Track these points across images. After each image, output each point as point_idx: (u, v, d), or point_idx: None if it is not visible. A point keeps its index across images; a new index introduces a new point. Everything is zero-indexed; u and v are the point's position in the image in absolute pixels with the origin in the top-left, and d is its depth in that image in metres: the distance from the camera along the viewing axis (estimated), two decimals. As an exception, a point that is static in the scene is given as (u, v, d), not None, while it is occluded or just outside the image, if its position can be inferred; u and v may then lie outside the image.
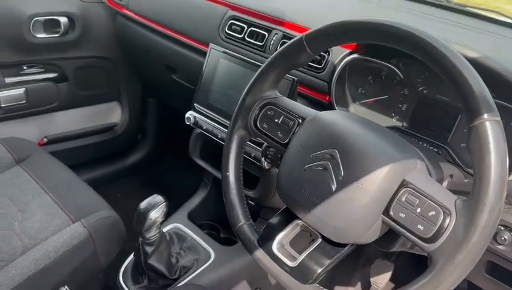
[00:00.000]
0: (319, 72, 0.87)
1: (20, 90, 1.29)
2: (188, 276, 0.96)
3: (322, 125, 0.59)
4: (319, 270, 0.57)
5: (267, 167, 0.88)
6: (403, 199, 0.52)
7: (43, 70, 1.35)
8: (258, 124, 0.66)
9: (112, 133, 1.61)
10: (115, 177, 1.62)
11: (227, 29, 1.04)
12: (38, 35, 1.29)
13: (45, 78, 1.36)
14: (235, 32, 1.02)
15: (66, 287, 0.86)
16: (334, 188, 0.55)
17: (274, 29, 0.95)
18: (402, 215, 0.52)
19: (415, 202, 0.51)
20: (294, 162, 0.60)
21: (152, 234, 0.89)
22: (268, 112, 0.66)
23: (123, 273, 0.98)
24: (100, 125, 1.57)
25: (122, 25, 1.40)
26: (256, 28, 0.99)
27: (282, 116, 0.64)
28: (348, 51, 0.83)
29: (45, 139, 1.41)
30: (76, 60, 1.42)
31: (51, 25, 1.31)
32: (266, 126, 0.66)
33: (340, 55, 0.84)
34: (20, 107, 1.31)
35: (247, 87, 0.66)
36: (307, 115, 0.62)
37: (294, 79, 0.84)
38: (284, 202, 0.62)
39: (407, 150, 0.56)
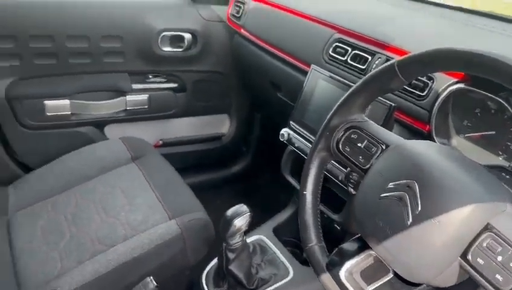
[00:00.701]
0: (421, 100, 0.83)
1: (144, 96, 1.46)
2: (265, 289, 0.98)
3: (404, 154, 0.56)
4: None
5: (353, 193, 0.86)
6: (484, 244, 0.47)
7: (165, 80, 1.51)
8: (340, 146, 0.66)
9: (219, 143, 1.72)
10: (217, 184, 1.72)
11: (331, 52, 1.04)
12: (165, 49, 1.45)
13: (166, 88, 1.51)
14: (339, 55, 1.02)
15: (151, 277, 0.94)
16: (409, 222, 0.52)
17: (378, 53, 0.93)
18: (480, 261, 0.47)
19: (497, 249, 0.46)
20: (370, 189, 0.58)
21: (235, 241, 0.93)
22: (352, 136, 0.65)
23: (206, 275, 1.03)
24: (209, 134, 1.69)
25: (238, 43, 1.49)
26: (360, 52, 0.98)
27: (366, 141, 0.63)
28: (453, 80, 0.77)
29: (160, 142, 1.57)
30: (195, 73, 1.56)
31: (177, 40, 1.46)
32: (348, 150, 0.65)
33: (444, 83, 0.78)
34: (142, 111, 1.48)
35: (334, 108, 0.66)
36: (392, 142, 0.60)
37: (391, 105, 0.81)
38: (356, 229, 0.60)
39: (498, 192, 0.50)
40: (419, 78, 0.81)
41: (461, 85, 0.75)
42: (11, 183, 1.26)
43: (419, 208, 0.51)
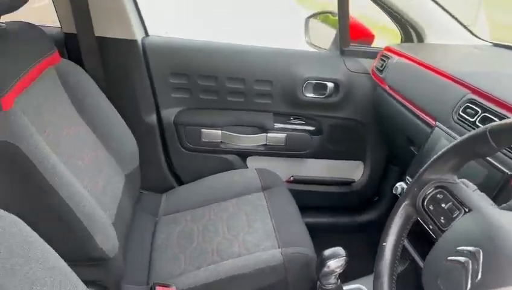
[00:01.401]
0: None
1: (283, 135, 1.62)
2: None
3: (479, 221, 0.55)
4: None
5: None
6: None
7: (304, 122, 1.64)
8: (425, 203, 0.66)
9: (348, 189, 1.75)
10: (339, 229, 1.74)
11: (461, 111, 1.01)
12: (308, 95, 1.59)
13: (304, 129, 1.64)
14: (468, 116, 0.99)
15: None
16: (468, 288, 0.50)
17: (508, 117, 0.88)
18: None
19: None
20: (440, 250, 0.57)
21: (329, 282, 0.96)
22: (438, 195, 0.64)
23: None
24: (340, 179, 1.74)
25: (380, 95, 1.53)
26: (491, 115, 0.93)
27: (450, 203, 0.62)
28: None
29: (292, 178, 1.69)
30: (333, 119, 1.64)
31: (319, 87, 1.59)
32: (432, 208, 0.65)
33: None
34: (279, 148, 1.63)
35: (427, 164, 0.67)
36: (475, 208, 0.58)
37: (505, 173, 0.76)
38: (423, 286, 0.60)
39: None
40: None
41: None
42: (165, 192, 1.54)
43: (479, 277, 0.50)
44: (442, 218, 0.62)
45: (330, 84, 1.58)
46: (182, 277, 1.11)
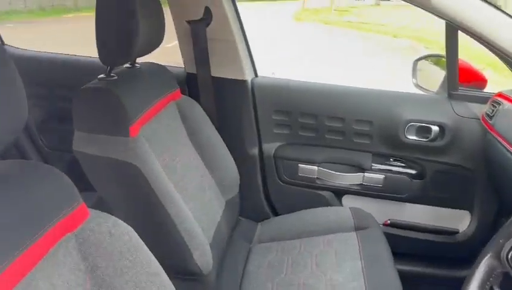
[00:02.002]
0: None
1: (380, 176, 1.60)
2: None
3: None
4: None
5: None
6: None
7: (404, 165, 1.61)
8: (509, 255, 0.63)
9: (451, 239, 1.64)
10: (437, 281, 1.63)
11: None
12: (410, 137, 1.56)
13: (404, 172, 1.60)
14: None
15: None
16: None
17: None
18: None
19: None
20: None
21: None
22: None
23: None
24: (441, 227, 1.64)
25: (490, 142, 1.44)
26: None
27: None
28: None
29: (388, 221, 1.65)
30: (438, 164, 1.58)
31: (423, 130, 1.55)
32: None
33: None
34: (376, 189, 1.61)
35: None
36: None
37: None
38: None
39: None
40: None
41: None
42: (261, 221, 1.63)
43: None
44: None
45: (435, 128, 1.53)
46: (266, 303, 1.17)
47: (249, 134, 1.67)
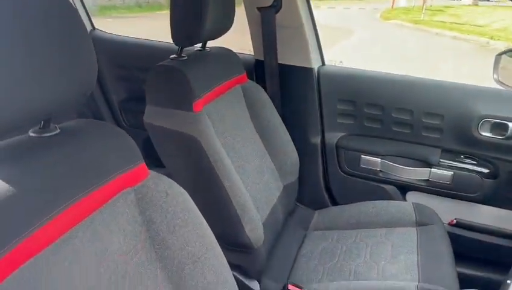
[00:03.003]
0: None
1: (449, 173, 1.52)
2: None
3: None
4: None
5: None
6: None
7: (476, 163, 1.51)
8: None
9: None
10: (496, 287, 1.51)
11: None
12: (484, 134, 1.46)
13: (475, 170, 1.50)
14: None
15: None
16: None
17: None
18: None
19: None
20: None
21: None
22: None
23: None
24: (511, 231, 1.52)
25: None
26: None
27: None
28: None
29: (455, 221, 1.56)
30: None
31: (499, 127, 1.44)
32: None
33: None
34: (443, 186, 1.54)
35: None
36: None
37: None
38: None
39: None
40: None
41: None
42: (318, 209, 1.63)
43: None
44: None
45: (511, 125, 1.43)
46: (314, 285, 1.18)
47: (312, 122, 1.68)
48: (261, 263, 1.23)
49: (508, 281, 0.64)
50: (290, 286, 1.13)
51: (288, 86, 1.65)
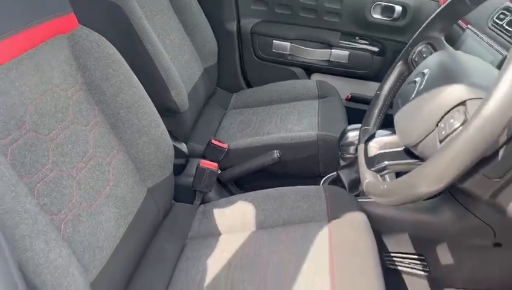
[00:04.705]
0: None
1: (346, 52, 1.76)
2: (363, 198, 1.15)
3: (439, 54, 0.70)
4: (385, 163, 0.71)
5: None
6: (453, 114, 0.59)
7: (368, 43, 1.76)
8: (415, 58, 0.81)
9: None
10: None
11: (496, 18, 1.09)
12: (375, 16, 1.70)
13: (367, 49, 1.76)
14: (499, 20, 1.07)
15: (278, 151, 1.27)
16: (412, 96, 0.67)
17: None
18: (442, 124, 0.60)
19: (457, 118, 0.58)
20: (408, 80, 0.74)
21: (347, 152, 1.14)
22: (424, 49, 0.79)
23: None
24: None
25: None
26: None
27: (430, 52, 0.77)
28: None
29: (349, 95, 1.84)
30: (397, 43, 1.74)
31: (387, 10, 1.68)
32: (417, 60, 0.80)
33: None
34: (341, 65, 1.78)
35: (420, 30, 0.82)
36: (442, 48, 0.74)
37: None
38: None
39: (484, 83, 0.59)
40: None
41: None
42: (235, 92, 1.81)
43: (422, 86, 0.66)
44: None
45: (398, 8, 1.67)
46: (234, 142, 1.38)
47: (227, 9, 1.78)
48: (187, 126, 1.39)
49: (378, 92, 0.87)
50: (213, 141, 1.31)
51: None
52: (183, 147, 1.37)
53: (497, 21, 1.08)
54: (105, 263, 0.79)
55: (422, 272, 1.16)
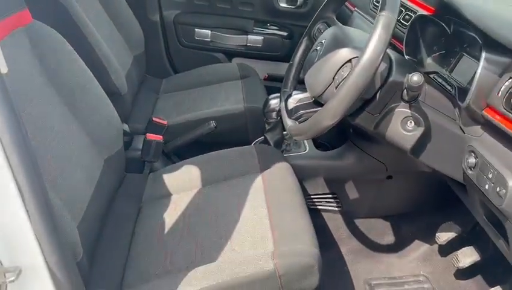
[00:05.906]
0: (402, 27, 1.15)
1: (260, 38, 2.01)
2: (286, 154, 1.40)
3: (334, 27, 0.96)
4: (301, 112, 0.95)
5: None
6: (344, 69, 0.85)
7: (278, 28, 2.02)
8: (316, 34, 1.07)
9: None
10: None
11: (375, 1, 1.40)
12: (282, 5, 1.96)
13: (277, 34, 2.02)
14: (377, 3, 1.37)
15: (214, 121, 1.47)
16: (315, 60, 0.92)
17: None
18: (336, 77, 0.85)
19: (345, 70, 0.84)
20: (313, 48, 0.99)
21: (270, 118, 1.38)
22: (321, 26, 1.05)
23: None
24: None
25: None
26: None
27: (326, 28, 1.03)
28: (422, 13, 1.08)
29: (266, 75, 2.09)
30: (302, 28, 2.01)
31: None
32: (317, 35, 1.06)
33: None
34: (257, 49, 2.03)
35: (320, 8, 1.07)
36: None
37: None
38: None
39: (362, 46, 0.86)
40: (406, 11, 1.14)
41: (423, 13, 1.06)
42: (164, 78, 1.96)
43: (321, 52, 0.91)
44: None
45: None
46: (172, 118, 1.55)
47: (150, 1, 1.93)
48: (127, 108, 1.53)
49: (291, 62, 1.11)
50: (154, 119, 1.47)
51: None
52: (126, 127, 1.51)
53: (376, 4, 1.39)
54: (81, 217, 0.94)
55: (336, 208, 1.46)
